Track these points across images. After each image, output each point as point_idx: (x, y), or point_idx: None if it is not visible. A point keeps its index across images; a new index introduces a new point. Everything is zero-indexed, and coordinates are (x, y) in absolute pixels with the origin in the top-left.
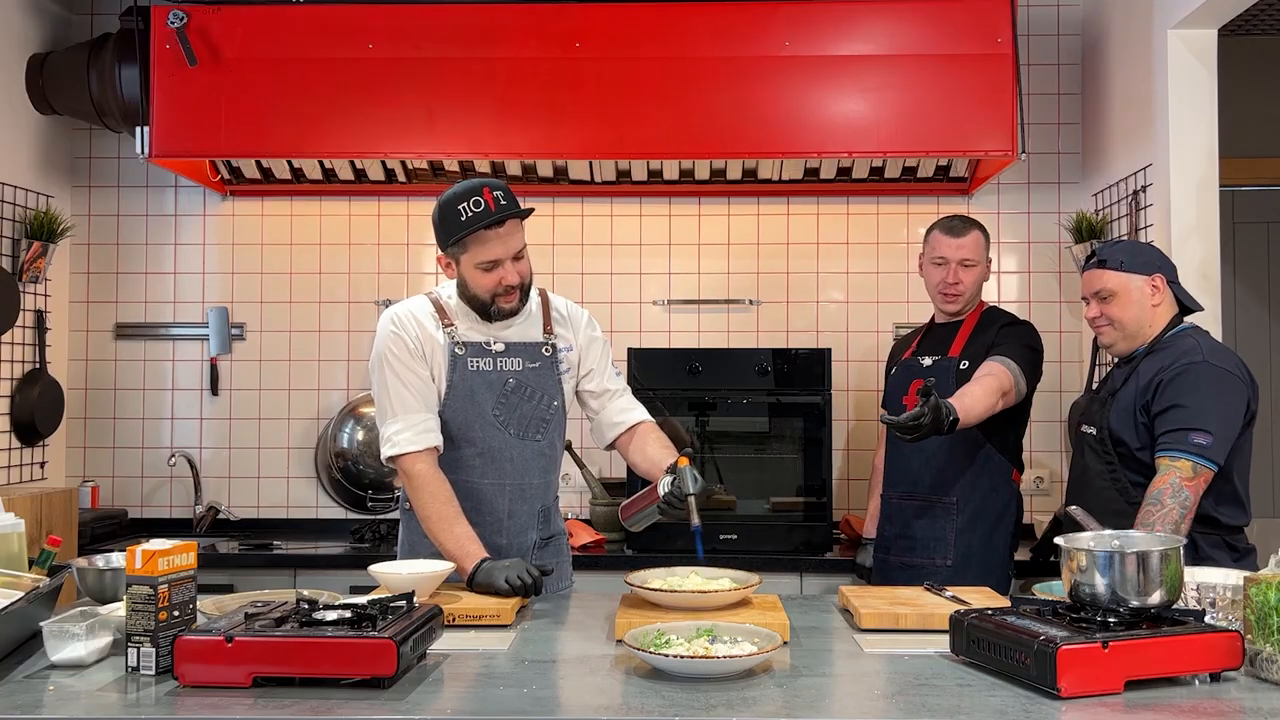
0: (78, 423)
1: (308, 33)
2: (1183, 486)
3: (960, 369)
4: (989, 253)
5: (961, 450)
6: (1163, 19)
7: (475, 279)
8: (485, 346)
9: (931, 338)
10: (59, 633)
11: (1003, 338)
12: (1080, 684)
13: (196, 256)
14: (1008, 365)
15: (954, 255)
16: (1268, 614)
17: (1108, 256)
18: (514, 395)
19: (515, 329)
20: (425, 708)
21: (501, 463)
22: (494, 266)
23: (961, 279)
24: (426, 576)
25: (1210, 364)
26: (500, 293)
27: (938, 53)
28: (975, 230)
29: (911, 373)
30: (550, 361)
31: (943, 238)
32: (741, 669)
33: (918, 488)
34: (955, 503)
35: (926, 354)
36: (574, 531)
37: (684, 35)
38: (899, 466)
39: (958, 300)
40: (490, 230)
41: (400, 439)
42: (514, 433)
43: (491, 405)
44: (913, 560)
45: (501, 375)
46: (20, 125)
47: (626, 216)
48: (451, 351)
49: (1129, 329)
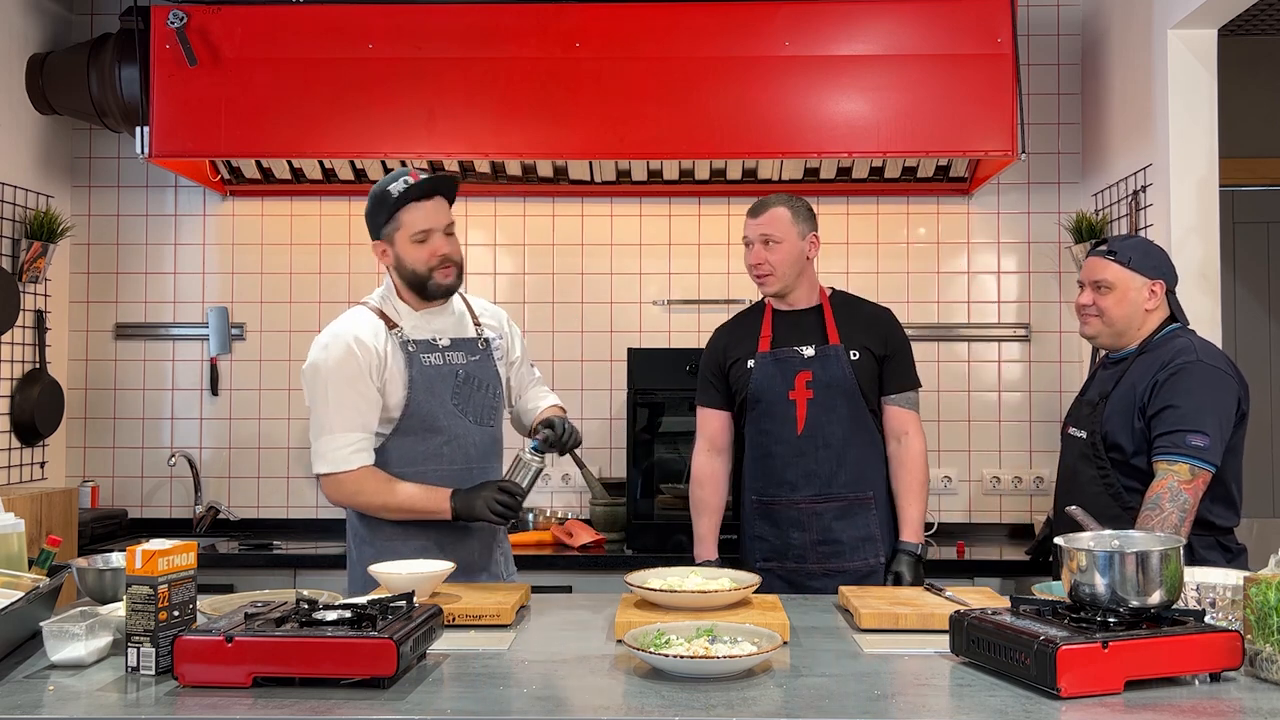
0: (78, 423)
1: (308, 33)
2: (1181, 490)
3: (853, 359)
4: (808, 228)
5: (867, 440)
6: (1163, 19)
7: (411, 253)
8: (433, 343)
9: (784, 326)
10: (59, 633)
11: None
12: (1080, 684)
13: (196, 256)
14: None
15: (755, 234)
16: (1268, 614)
17: (1119, 249)
18: (465, 385)
19: (452, 322)
20: (425, 708)
21: (467, 448)
22: (427, 237)
23: (766, 258)
24: (426, 576)
25: (1204, 363)
26: (436, 265)
27: (938, 53)
28: (778, 206)
29: (788, 365)
30: (486, 354)
31: (746, 219)
32: (741, 669)
33: (833, 488)
34: (873, 498)
35: (794, 343)
36: (574, 531)
37: (684, 35)
38: (802, 468)
39: (770, 281)
40: (419, 202)
41: (336, 456)
42: (472, 419)
43: (449, 395)
44: (842, 565)
45: (451, 368)
46: (20, 125)
47: (626, 216)
48: (405, 350)
49: (1117, 326)
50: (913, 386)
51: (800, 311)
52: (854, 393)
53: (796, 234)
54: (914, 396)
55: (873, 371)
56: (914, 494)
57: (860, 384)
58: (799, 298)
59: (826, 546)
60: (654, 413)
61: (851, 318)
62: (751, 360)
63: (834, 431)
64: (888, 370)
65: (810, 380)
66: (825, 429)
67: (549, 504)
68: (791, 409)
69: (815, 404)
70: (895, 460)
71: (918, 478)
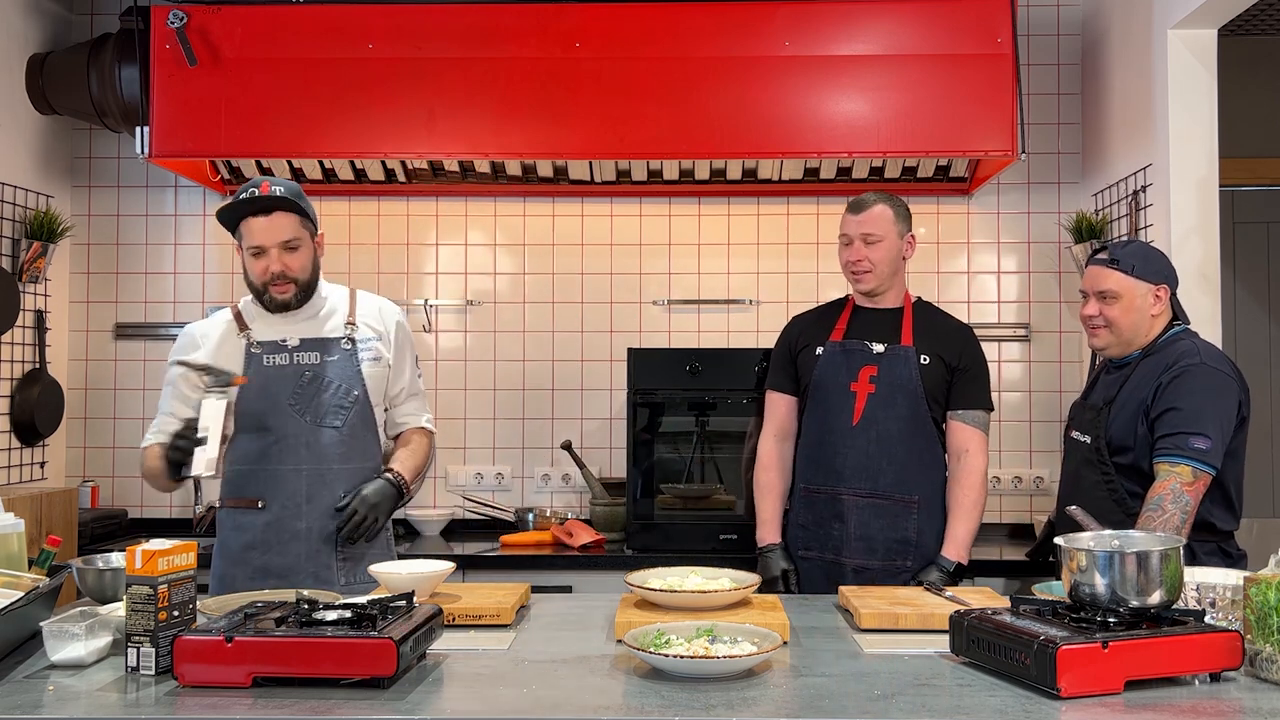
0: (78, 423)
1: (308, 33)
2: (1183, 491)
3: (922, 363)
4: (905, 228)
5: (923, 445)
6: (1163, 19)
7: (248, 265)
8: (281, 344)
9: (860, 322)
10: (59, 633)
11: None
12: (1080, 684)
13: (196, 256)
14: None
15: (855, 231)
16: (1268, 614)
17: (1120, 257)
18: (310, 386)
19: (313, 325)
20: (425, 708)
21: (297, 448)
22: (260, 253)
23: (866, 255)
24: (426, 576)
25: (1207, 366)
26: (269, 281)
27: (938, 53)
28: (880, 204)
29: (855, 357)
30: (349, 354)
31: (846, 216)
32: (741, 669)
33: (879, 484)
34: (917, 502)
35: (867, 338)
36: (574, 531)
37: (684, 35)
38: (851, 459)
39: (867, 278)
40: (256, 218)
41: (148, 434)
42: (309, 420)
43: (288, 396)
44: (869, 563)
45: (299, 368)
46: (20, 125)
47: (626, 216)
48: (248, 351)
49: (1125, 334)
50: (983, 407)
51: (881, 310)
52: (917, 395)
53: (896, 233)
54: (983, 417)
55: (942, 381)
56: (965, 511)
57: (925, 389)
58: (887, 298)
59: (861, 542)
60: (654, 413)
61: (930, 325)
62: (821, 348)
63: (889, 428)
64: (958, 385)
65: (875, 375)
66: (880, 424)
67: (549, 504)
68: (851, 400)
69: (875, 398)
70: (953, 477)
71: (971, 496)
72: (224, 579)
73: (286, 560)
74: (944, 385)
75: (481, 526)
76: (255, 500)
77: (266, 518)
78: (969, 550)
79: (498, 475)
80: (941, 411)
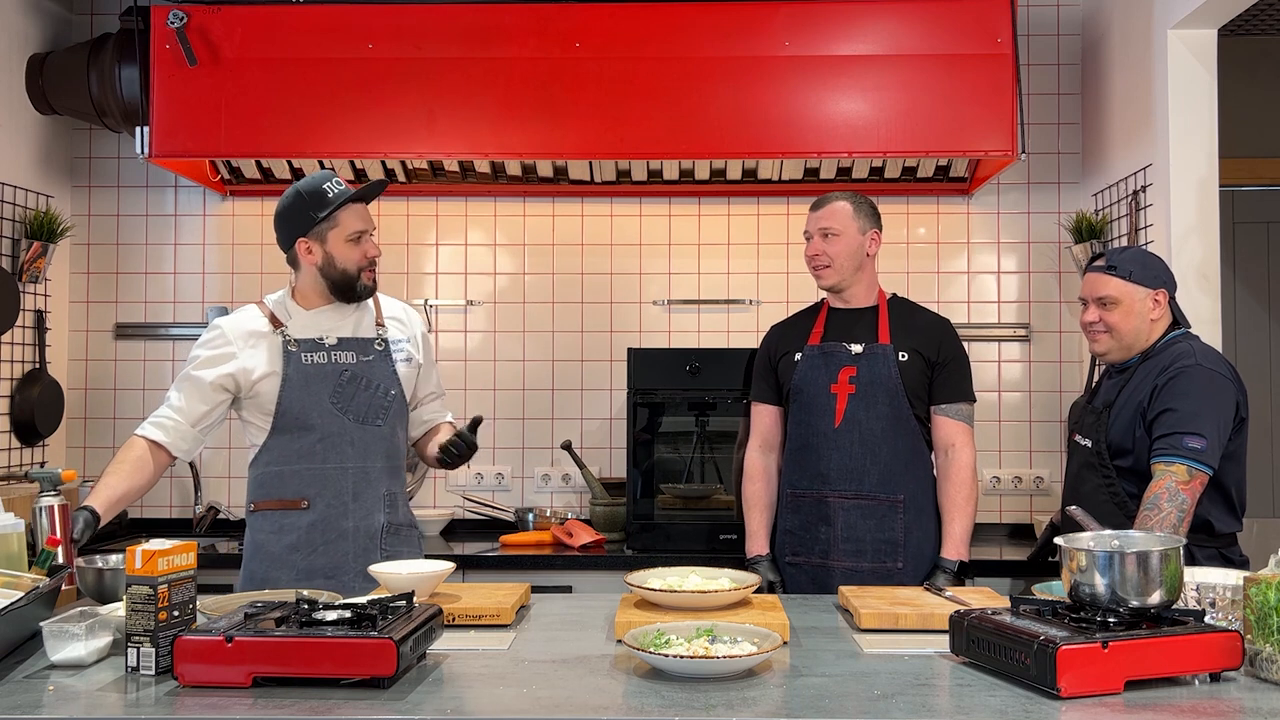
0: (78, 423)
1: (308, 33)
2: (1179, 490)
3: (900, 360)
4: (869, 224)
5: (907, 443)
6: (1163, 19)
7: (345, 253)
8: (319, 341)
9: (837, 323)
10: (59, 633)
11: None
12: (1080, 684)
13: (196, 256)
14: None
15: (814, 226)
16: (1268, 614)
17: (1118, 263)
18: (350, 385)
19: (348, 324)
20: (425, 708)
21: (343, 446)
22: (361, 237)
23: (824, 249)
24: (426, 576)
25: (1202, 367)
26: (366, 266)
27: (938, 53)
28: (838, 201)
29: (834, 359)
30: (383, 355)
31: (808, 214)
32: (741, 669)
33: (864, 485)
34: (903, 501)
35: (844, 340)
36: (574, 531)
37: (684, 35)
38: (835, 460)
39: (827, 274)
40: (355, 204)
41: (146, 423)
42: (353, 418)
43: (329, 394)
44: (858, 565)
45: (337, 367)
46: (20, 125)
47: (626, 216)
48: (285, 349)
49: (1125, 340)
50: (965, 399)
51: (855, 310)
52: (897, 393)
53: (856, 228)
54: (966, 409)
55: (922, 376)
56: (958, 508)
57: (905, 385)
58: (856, 295)
59: (849, 544)
60: (654, 413)
61: (906, 321)
62: (800, 353)
63: (871, 428)
64: (939, 379)
65: (854, 376)
66: (863, 424)
67: (549, 504)
68: (832, 402)
69: (856, 399)
70: (941, 473)
71: (963, 492)
72: (264, 582)
73: (333, 560)
74: (924, 381)
75: (481, 526)
76: (299, 500)
77: (311, 518)
78: (968, 546)
79: (498, 475)
80: (924, 408)
